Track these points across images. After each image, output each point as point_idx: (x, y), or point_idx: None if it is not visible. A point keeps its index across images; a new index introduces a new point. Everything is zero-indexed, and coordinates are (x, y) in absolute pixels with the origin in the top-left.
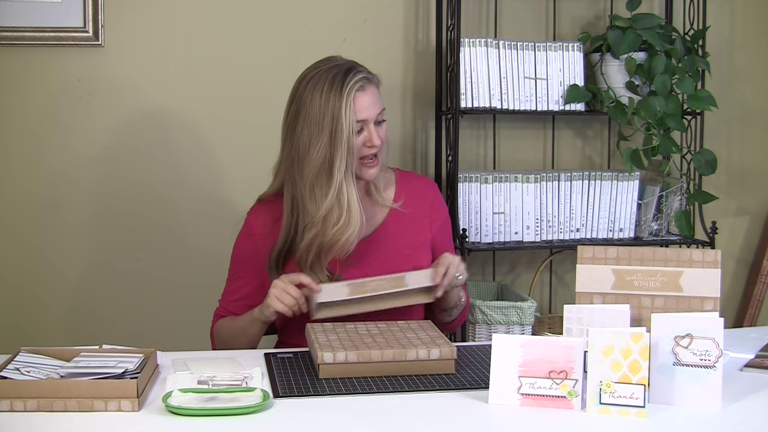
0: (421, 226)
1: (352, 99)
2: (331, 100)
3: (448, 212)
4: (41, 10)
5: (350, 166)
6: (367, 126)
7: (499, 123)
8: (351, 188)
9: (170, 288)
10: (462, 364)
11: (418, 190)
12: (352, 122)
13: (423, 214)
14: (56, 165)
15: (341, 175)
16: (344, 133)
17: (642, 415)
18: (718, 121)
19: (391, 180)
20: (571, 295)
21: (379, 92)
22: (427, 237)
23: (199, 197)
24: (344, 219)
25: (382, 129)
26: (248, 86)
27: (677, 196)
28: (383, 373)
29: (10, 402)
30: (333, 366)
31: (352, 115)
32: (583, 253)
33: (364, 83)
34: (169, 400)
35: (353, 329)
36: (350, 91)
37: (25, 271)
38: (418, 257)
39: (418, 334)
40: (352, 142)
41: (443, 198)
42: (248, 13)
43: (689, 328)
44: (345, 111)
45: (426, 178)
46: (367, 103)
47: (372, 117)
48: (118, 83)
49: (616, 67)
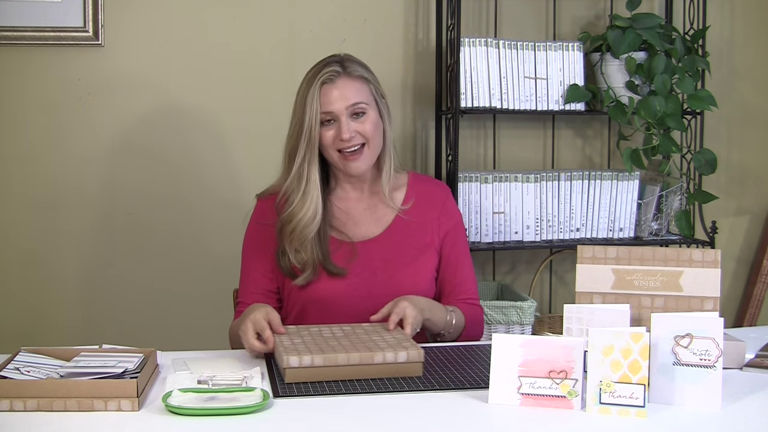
0: (428, 230)
1: (317, 90)
2: (302, 91)
3: (461, 218)
4: (41, 10)
5: (310, 155)
6: (339, 119)
7: (499, 123)
8: (312, 175)
9: (170, 288)
10: (462, 364)
11: (428, 193)
12: (316, 113)
13: (432, 217)
14: (56, 165)
15: (300, 160)
16: (306, 123)
17: (642, 415)
18: (718, 121)
19: (402, 182)
20: (571, 294)
21: (363, 85)
22: (433, 240)
23: (199, 197)
24: (298, 202)
25: (362, 123)
26: (248, 86)
27: (677, 196)
28: (350, 377)
29: (10, 402)
30: (299, 370)
31: (317, 106)
32: (583, 252)
33: (335, 76)
34: (169, 400)
35: (317, 332)
36: (317, 82)
37: (25, 270)
38: (424, 260)
39: (384, 337)
40: (314, 133)
41: (456, 203)
42: (248, 13)
43: (689, 328)
44: (309, 101)
45: (440, 182)
46: (334, 95)
47: (339, 110)
48: (118, 83)
49: (616, 66)
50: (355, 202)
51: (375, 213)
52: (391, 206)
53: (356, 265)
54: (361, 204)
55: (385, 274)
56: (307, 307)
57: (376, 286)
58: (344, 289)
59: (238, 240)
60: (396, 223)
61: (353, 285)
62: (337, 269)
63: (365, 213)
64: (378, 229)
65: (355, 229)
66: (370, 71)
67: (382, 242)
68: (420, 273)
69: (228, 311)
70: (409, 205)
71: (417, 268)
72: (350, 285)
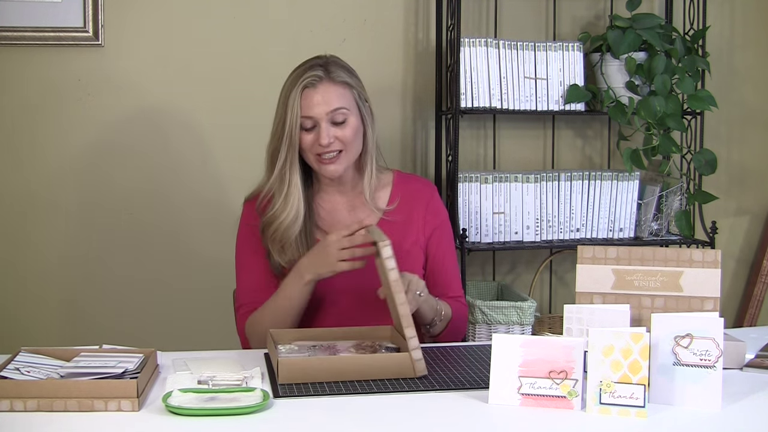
0: (414, 229)
1: (298, 94)
2: (284, 92)
3: (447, 216)
4: (41, 10)
5: (292, 157)
6: (319, 124)
7: (499, 123)
8: (293, 178)
9: (171, 288)
10: (462, 364)
11: (414, 192)
12: (296, 117)
13: (417, 216)
14: (55, 164)
15: (281, 163)
16: (287, 126)
17: (642, 415)
18: (718, 121)
19: (387, 181)
20: (571, 295)
21: (345, 91)
22: (420, 239)
23: (199, 197)
24: (280, 204)
25: (342, 129)
26: (248, 86)
27: (677, 196)
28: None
29: (10, 402)
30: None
31: (297, 110)
32: (583, 253)
33: (317, 81)
34: (169, 400)
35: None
36: (299, 86)
37: (25, 270)
38: (411, 261)
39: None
40: (295, 137)
41: (442, 201)
42: (248, 13)
43: (689, 328)
44: (291, 105)
45: (425, 180)
46: (315, 101)
47: (320, 115)
48: (118, 83)
49: (616, 67)
50: (339, 203)
51: (359, 213)
52: (374, 208)
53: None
54: (345, 205)
55: (372, 273)
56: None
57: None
58: (331, 290)
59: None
60: (381, 224)
61: (340, 286)
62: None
63: (349, 214)
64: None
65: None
66: (355, 75)
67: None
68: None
69: (228, 311)
70: (393, 206)
71: (404, 268)
72: (337, 286)
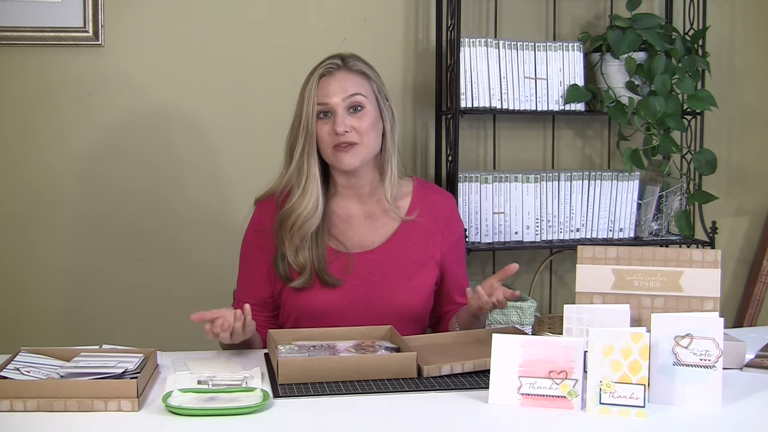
0: (431, 242)
1: (315, 82)
2: (303, 85)
3: (463, 231)
4: (41, 10)
5: (309, 147)
6: (335, 112)
7: (499, 123)
8: (312, 169)
9: (170, 288)
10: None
11: (433, 203)
12: (313, 105)
13: (435, 230)
14: (55, 165)
15: (299, 153)
16: (303, 115)
17: (642, 415)
18: (718, 121)
19: (408, 190)
20: (571, 295)
21: (362, 80)
22: (435, 254)
23: (199, 197)
24: (298, 197)
25: (358, 119)
26: (248, 86)
27: (677, 196)
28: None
29: (10, 402)
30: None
31: (314, 98)
32: (583, 253)
33: (333, 69)
34: (169, 400)
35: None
36: (316, 75)
37: (24, 271)
38: (424, 274)
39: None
40: (312, 126)
41: (460, 215)
42: (248, 13)
43: (689, 328)
44: (307, 94)
45: (445, 192)
46: (331, 88)
47: (336, 102)
48: (118, 83)
49: (616, 67)
50: (355, 210)
51: (375, 222)
52: (395, 216)
53: (352, 278)
54: (361, 212)
55: (383, 288)
56: (301, 319)
57: (374, 300)
58: (339, 302)
59: (240, 241)
60: (398, 234)
61: (348, 298)
62: (332, 279)
63: (365, 222)
64: (378, 239)
65: (354, 238)
66: (374, 71)
67: (382, 254)
68: (420, 288)
69: None
70: (413, 216)
71: (418, 283)
72: (346, 298)
